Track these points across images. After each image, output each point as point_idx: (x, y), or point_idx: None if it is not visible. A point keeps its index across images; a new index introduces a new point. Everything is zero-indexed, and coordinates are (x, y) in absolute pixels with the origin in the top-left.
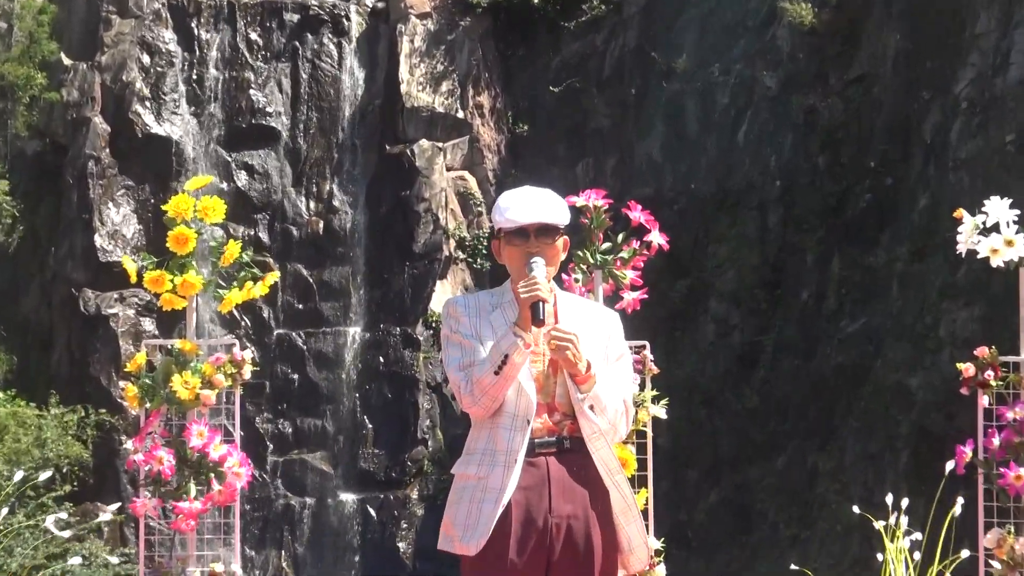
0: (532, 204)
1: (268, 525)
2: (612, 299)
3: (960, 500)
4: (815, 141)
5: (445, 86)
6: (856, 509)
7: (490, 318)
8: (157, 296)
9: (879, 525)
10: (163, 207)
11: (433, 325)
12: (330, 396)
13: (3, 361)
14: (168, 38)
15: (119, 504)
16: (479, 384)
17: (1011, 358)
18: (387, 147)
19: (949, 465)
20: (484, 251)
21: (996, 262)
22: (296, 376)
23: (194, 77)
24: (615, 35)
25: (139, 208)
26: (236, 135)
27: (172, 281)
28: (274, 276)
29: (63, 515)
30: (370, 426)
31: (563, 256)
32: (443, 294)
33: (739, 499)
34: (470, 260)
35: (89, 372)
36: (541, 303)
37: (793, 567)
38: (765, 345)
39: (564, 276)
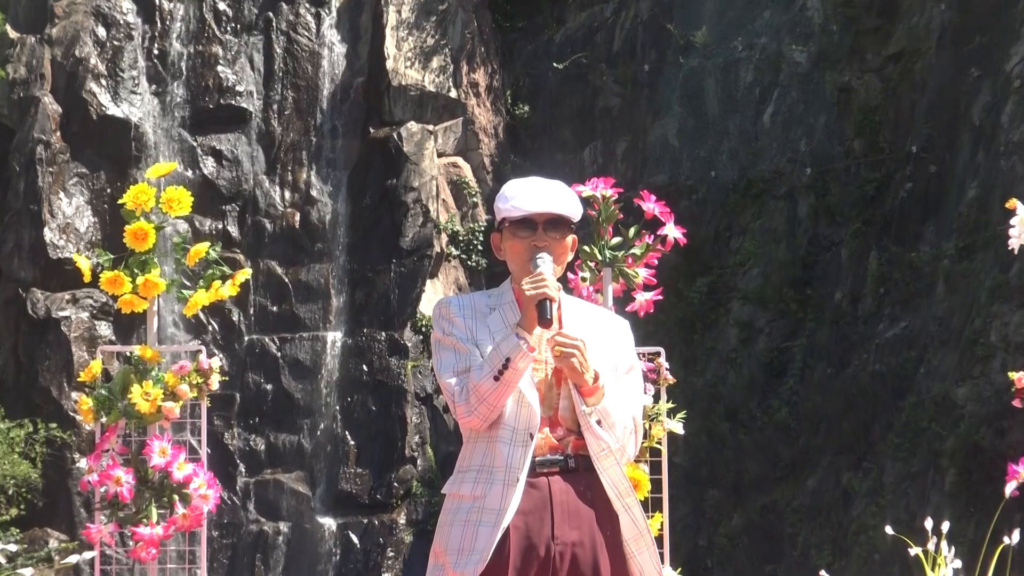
0: (542, 193)
1: (238, 553)
2: (623, 300)
3: (1017, 531)
4: (850, 123)
5: (436, 62)
6: (890, 530)
7: (487, 321)
8: (114, 298)
9: (917, 551)
10: (121, 198)
11: (423, 330)
12: (307, 409)
13: None
14: (126, 8)
15: (72, 530)
16: (476, 390)
17: None
18: (371, 130)
19: (1009, 487)
20: (480, 247)
21: None
22: (269, 386)
23: (155, 52)
24: (626, 5)
25: (94, 199)
26: (203, 117)
27: (132, 281)
28: (245, 274)
29: (11, 546)
30: (352, 442)
31: (570, 257)
32: (434, 295)
33: (765, 523)
34: (464, 257)
35: (38, 382)
36: (548, 301)
37: None
38: (794, 351)
39: (570, 275)
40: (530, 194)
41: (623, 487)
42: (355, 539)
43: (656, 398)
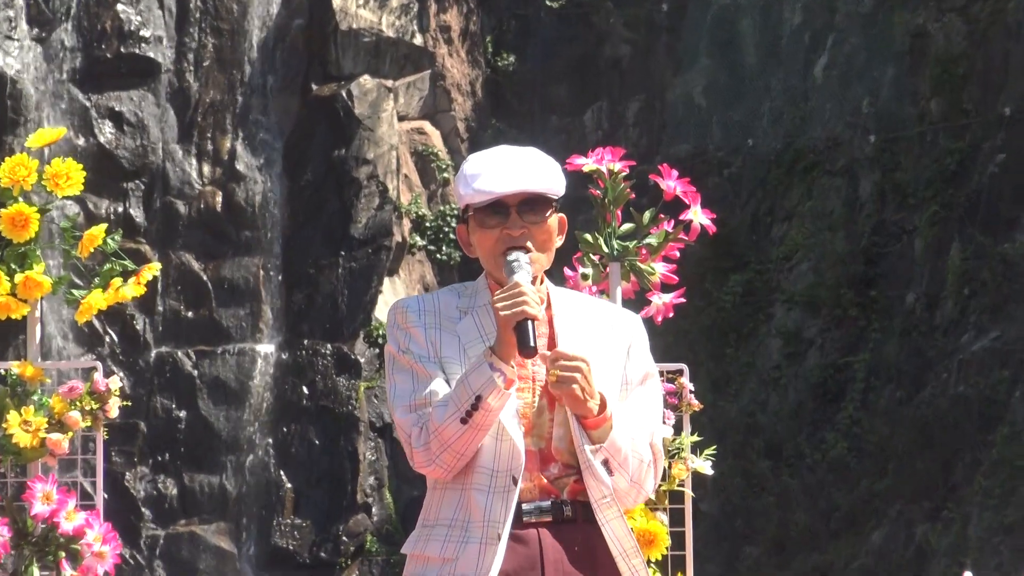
0: (511, 167)
1: None
2: (635, 304)
3: None
4: (925, 78)
5: (396, 0)
6: None
7: (457, 329)
8: None
9: None
10: None
11: (379, 341)
12: (232, 442)
13: None
14: None
15: None
16: (438, 435)
17: None
18: (313, 87)
19: None
20: (453, 235)
21: None
22: (184, 413)
23: None
24: None
25: None
26: (98, 70)
27: (9, 280)
28: (152, 270)
29: None
30: (289, 485)
31: (560, 241)
32: (393, 296)
33: None
34: (432, 249)
35: None
36: (529, 322)
37: None
38: (854, 370)
39: (568, 273)
40: (495, 169)
41: (628, 545)
42: None
43: (677, 429)
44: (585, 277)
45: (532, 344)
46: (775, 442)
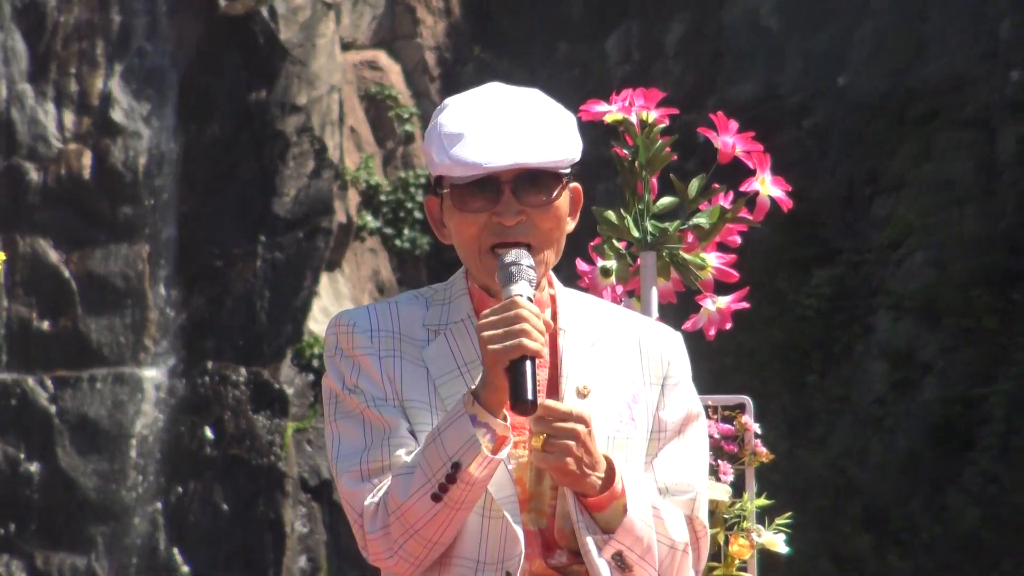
0: (506, 126)
1: None
2: (678, 310)
3: None
4: None
5: None
6: None
7: (424, 357)
8: None
9: None
10: None
11: (314, 364)
12: (105, 506)
13: None
14: None
15: None
16: (402, 517)
17: None
18: (221, 3)
19: None
20: (418, 211)
21: None
22: (36, 467)
23: None
24: None
25: None
26: None
27: None
28: None
29: None
30: (187, 568)
31: (572, 224)
32: (335, 300)
33: None
34: (390, 232)
35: None
36: (529, 362)
37: None
38: (990, 405)
39: (582, 267)
40: (484, 129)
41: None
42: None
43: (738, 489)
44: (606, 273)
45: (531, 397)
46: (877, 508)
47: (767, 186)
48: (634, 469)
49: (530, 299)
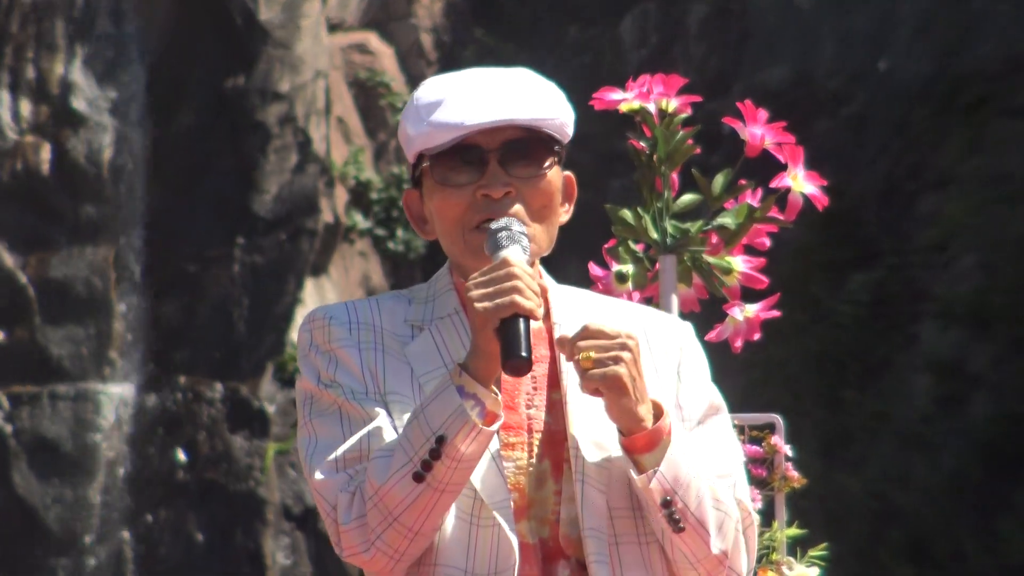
0: (488, 89)
1: None
2: (702, 319)
3: None
4: None
5: None
6: None
7: (407, 354)
8: None
9: None
10: None
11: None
12: (67, 537)
13: None
14: None
15: None
16: (379, 501)
17: None
18: None
19: None
20: None
21: None
22: None
23: None
24: None
25: None
26: None
27: None
28: None
29: None
30: None
31: (566, 214)
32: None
33: None
34: (382, 234)
35: None
36: (522, 320)
37: None
38: None
39: (595, 271)
40: (463, 93)
41: None
42: None
43: (767, 516)
44: (622, 278)
45: (524, 353)
46: (921, 536)
47: (800, 182)
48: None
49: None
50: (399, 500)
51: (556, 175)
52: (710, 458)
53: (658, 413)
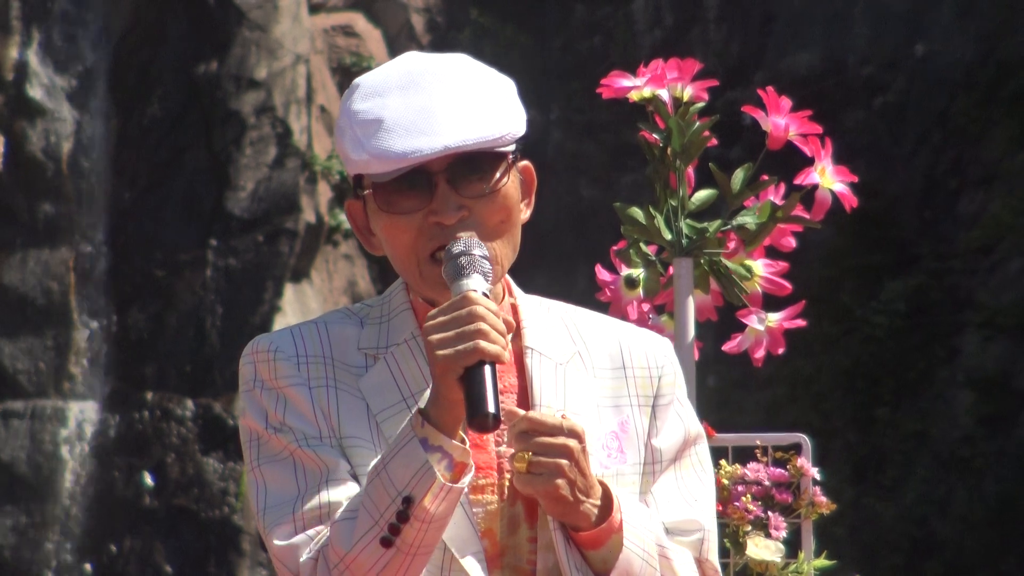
0: (431, 102)
1: None
2: (720, 328)
3: None
4: None
5: None
6: None
7: (360, 387)
8: None
9: None
10: None
11: None
12: (23, 567)
13: None
14: None
15: None
16: (346, 571)
17: None
18: None
19: None
20: None
21: None
22: None
23: None
24: None
25: None
26: None
27: None
28: None
29: None
30: None
31: (527, 213)
32: (302, 316)
33: None
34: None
35: None
36: (488, 368)
37: None
38: None
39: (603, 276)
40: (403, 110)
41: None
42: None
43: (792, 545)
44: (632, 284)
45: (492, 409)
46: (963, 567)
47: (828, 177)
48: (632, 499)
49: (486, 295)
50: (368, 567)
51: (512, 182)
52: (677, 511)
53: (607, 505)
